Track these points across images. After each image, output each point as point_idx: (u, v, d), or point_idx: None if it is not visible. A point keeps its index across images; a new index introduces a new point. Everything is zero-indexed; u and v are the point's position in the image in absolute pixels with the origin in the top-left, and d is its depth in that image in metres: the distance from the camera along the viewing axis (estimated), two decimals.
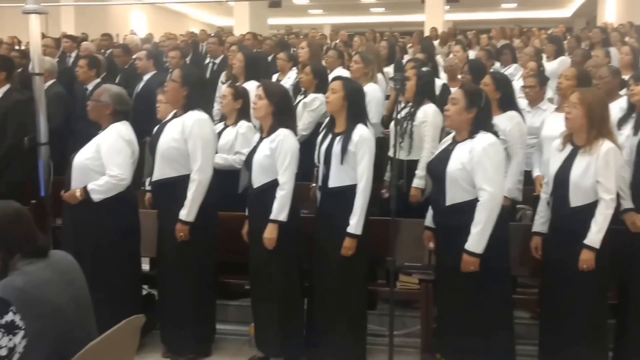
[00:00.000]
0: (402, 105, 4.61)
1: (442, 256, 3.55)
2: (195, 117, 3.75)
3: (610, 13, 17.79)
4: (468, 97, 3.39)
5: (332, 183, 3.68)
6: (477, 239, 3.25)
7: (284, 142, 3.64)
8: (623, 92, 4.54)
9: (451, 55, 6.87)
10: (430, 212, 3.63)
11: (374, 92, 4.95)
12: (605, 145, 3.27)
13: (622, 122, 4.08)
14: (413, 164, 4.44)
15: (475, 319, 3.36)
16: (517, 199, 4.29)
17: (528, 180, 4.40)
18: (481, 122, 3.39)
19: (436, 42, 11.58)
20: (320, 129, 4.25)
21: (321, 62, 6.02)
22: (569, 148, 3.40)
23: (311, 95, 5.00)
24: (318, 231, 3.78)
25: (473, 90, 3.49)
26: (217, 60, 7.92)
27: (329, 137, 3.76)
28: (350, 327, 3.73)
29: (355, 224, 3.58)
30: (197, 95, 3.85)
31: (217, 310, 4.08)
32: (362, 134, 3.64)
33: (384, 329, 3.80)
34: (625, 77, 5.10)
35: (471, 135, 3.36)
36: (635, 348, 3.47)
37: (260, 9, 16.71)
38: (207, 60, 8.12)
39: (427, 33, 13.77)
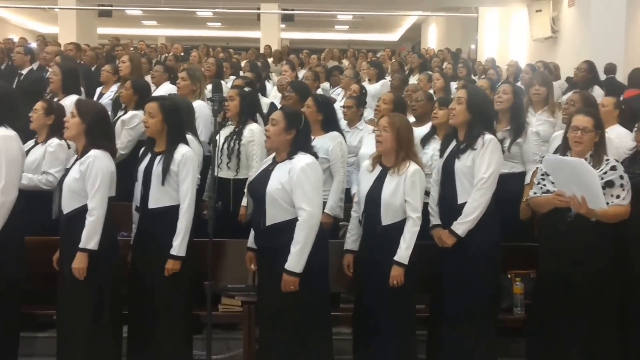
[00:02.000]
0: (226, 124, 4.62)
1: (263, 276, 3.55)
2: (0, 134, 3.44)
3: (432, 39, 19.27)
4: (287, 118, 3.44)
5: (152, 204, 3.57)
6: (296, 258, 3.28)
7: (94, 164, 3.43)
8: None
9: (275, 75, 6.99)
10: (252, 233, 3.62)
11: (201, 109, 4.86)
12: (412, 166, 3.48)
13: (424, 141, 4.40)
14: (241, 183, 4.42)
15: (294, 338, 3.38)
16: (339, 217, 4.43)
17: (348, 198, 4.56)
18: (300, 143, 3.44)
19: (271, 60, 11.77)
20: None
21: (143, 77, 5.84)
22: (378, 169, 3.57)
23: (130, 113, 4.80)
24: (137, 253, 3.65)
25: (292, 112, 3.55)
26: (24, 71, 7.31)
27: (148, 156, 3.64)
28: (175, 351, 3.61)
29: (178, 245, 3.51)
30: (3, 109, 3.53)
31: (22, 344, 3.71)
32: (185, 153, 3.58)
33: (203, 353, 3.72)
34: None
35: (290, 155, 3.41)
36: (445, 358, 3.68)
37: (88, 18, 15.89)
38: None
39: (262, 50, 13.95)
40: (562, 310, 3.48)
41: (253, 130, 4.44)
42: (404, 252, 3.43)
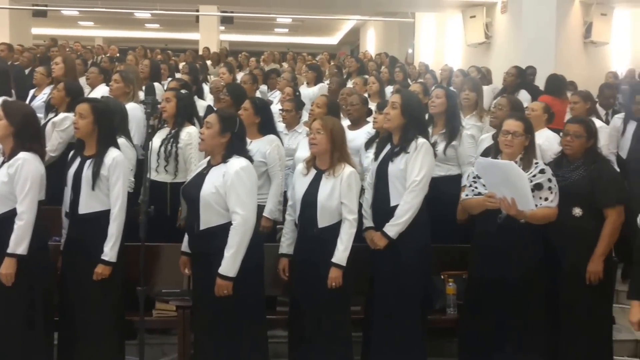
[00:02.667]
0: (162, 127, 4.56)
1: (197, 281, 3.51)
2: None
3: (370, 43, 19.50)
4: (222, 121, 3.42)
5: (82, 209, 3.50)
6: (230, 263, 3.26)
7: (23, 167, 3.32)
8: (370, 118, 4.94)
9: (212, 77, 6.93)
10: (186, 237, 3.58)
11: (135, 112, 4.77)
12: (347, 169, 3.52)
13: (368, 145, 4.46)
14: (179, 187, 4.34)
15: (228, 342, 3.36)
16: (278, 220, 4.43)
17: (287, 201, 4.56)
18: (235, 147, 3.43)
19: (209, 62, 11.67)
20: None
21: (77, 79, 5.69)
22: (313, 172, 3.60)
23: (61, 115, 4.66)
24: (67, 259, 3.57)
25: (227, 115, 3.53)
26: None
27: (78, 159, 3.55)
28: (106, 357, 3.55)
29: (109, 250, 3.44)
30: None
31: None
32: (115, 157, 3.51)
33: (137, 358, 3.65)
34: (372, 105, 5.59)
35: (225, 159, 3.39)
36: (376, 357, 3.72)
37: (22, 18, 15.31)
38: None
39: (201, 52, 13.81)
40: (493, 310, 3.57)
41: (190, 134, 4.39)
42: (341, 254, 3.46)
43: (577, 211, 3.65)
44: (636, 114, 5.29)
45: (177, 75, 7.56)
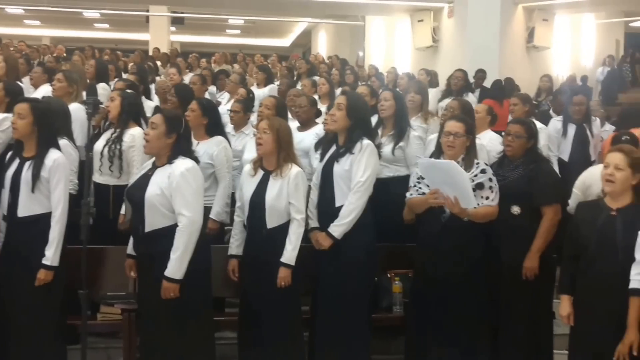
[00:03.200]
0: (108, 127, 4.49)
1: (143, 284, 3.47)
2: None
3: (322, 46, 19.60)
4: (167, 122, 3.38)
5: (21, 212, 3.42)
6: (176, 265, 3.24)
7: None
8: (320, 119, 4.97)
9: (161, 78, 6.86)
10: (131, 240, 3.53)
11: (78, 113, 4.65)
12: (294, 169, 3.55)
13: (317, 146, 4.48)
14: (122, 190, 4.27)
15: (175, 345, 3.33)
16: (225, 222, 4.41)
17: (234, 202, 4.55)
18: (180, 148, 3.40)
19: (160, 63, 11.53)
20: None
21: (19, 79, 5.55)
22: (260, 173, 3.61)
23: (1, 115, 4.53)
24: (5, 264, 3.47)
25: (173, 116, 3.50)
26: None
27: (17, 161, 3.47)
28: None
29: (52, 255, 3.38)
30: None
31: None
32: (56, 159, 3.45)
33: None
34: (323, 106, 5.63)
35: (170, 160, 3.36)
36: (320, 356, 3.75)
37: None
38: None
39: (151, 53, 13.64)
40: (438, 308, 3.64)
41: (134, 135, 4.32)
42: (290, 254, 3.49)
43: (516, 209, 3.76)
44: (574, 115, 5.46)
45: (125, 76, 7.45)
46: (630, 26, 17.21)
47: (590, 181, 4.01)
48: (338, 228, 3.60)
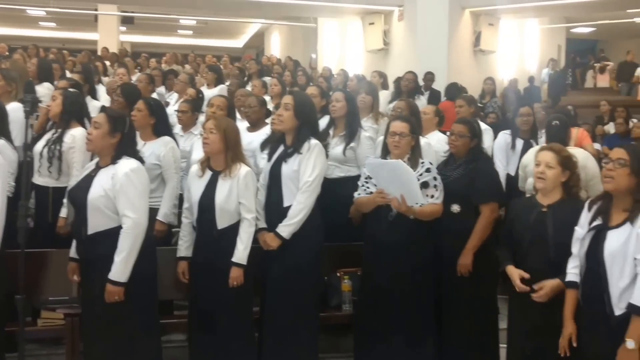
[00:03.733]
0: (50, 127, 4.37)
1: (87, 287, 3.39)
2: None
3: (275, 47, 19.58)
4: (111, 121, 3.32)
5: None
6: (120, 268, 3.18)
7: None
8: (269, 120, 4.95)
9: (111, 78, 6.73)
10: (74, 243, 3.45)
11: (16, 112, 4.51)
12: (243, 168, 3.53)
13: (263, 146, 4.48)
14: (62, 192, 4.17)
15: (120, 349, 3.27)
16: (173, 224, 4.36)
17: (182, 204, 4.49)
18: (125, 148, 3.34)
19: (108, 63, 11.30)
20: None
21: None
22: (209, 173, 3.57)
23: None
24: None
25: (116, 115, 3.43)
26: None
27: None
28: None
29: None
30: None
31: None
32: None
33: None
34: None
35: (114, 160, 3.30)
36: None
37: None
38: None
39: (100, 53, 13.37)
40: (386, 306, 3.68)
41: (74, 136, 4.21)
42: (241, 253, 3.47)
43: (455, 207, 3.83)
44: (522, 127, 5.48)
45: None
46: (571, 32, 17.82)
47: (527, 161, 4.48)
48: (286, 228, 3.60)
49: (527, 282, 3.21)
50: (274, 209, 3.68)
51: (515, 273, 3.27)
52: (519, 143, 5.46)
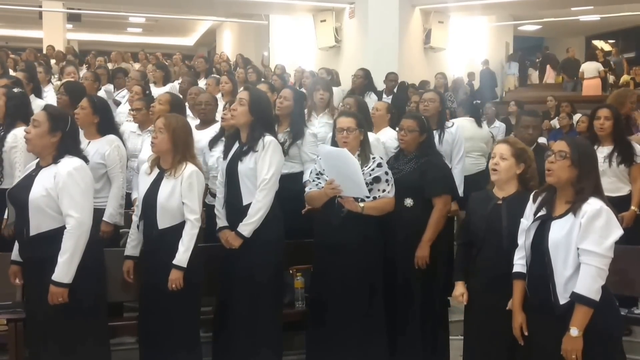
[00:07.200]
0: None
1: (30, 290, 3.29)
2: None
3: (227, 45, 19.42)
4: (51, 119, 3.23)
5: None
6: (64, 269, 3.09)
7: None
8: (218, 117, 4.89)
9: (56, 77, 6.54)
10: (16, 245, 3.34)
11: None
12: (189, 168, 3.45)
13: (212, 144, 4.42)
14: (3, 193, 4.03)
15: (67, 353, 3.18)
16: (120, 224, 4.26)
17: (129, 203, 4.41)
18: (67, 146, 3.25)
19: (54, 61, 11.02)
20: None
21: None
22: (156, 171, 3.51)
23: None
24: None
25: (57, 113, 3.33)
26: None
27: None
28: None
29: None
30: None
31: None
32: None
33: None
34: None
35: (56, 160, 3.21)
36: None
37: None
38: None
39: (45, 51, 13.00)
40: (337, 302, 3.69)
41: (16, 135, 4.07)
42: (182, 256, 3.39)
43: (408, 202, 3.87)
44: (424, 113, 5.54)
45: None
46: (518, 29, 18.25)
47: None
48: (247, 227, 3.57)
49: (489, 291, 3.22)
50: (234, 207, 3.65)
51: (458, 292, 3.33)
52: None
